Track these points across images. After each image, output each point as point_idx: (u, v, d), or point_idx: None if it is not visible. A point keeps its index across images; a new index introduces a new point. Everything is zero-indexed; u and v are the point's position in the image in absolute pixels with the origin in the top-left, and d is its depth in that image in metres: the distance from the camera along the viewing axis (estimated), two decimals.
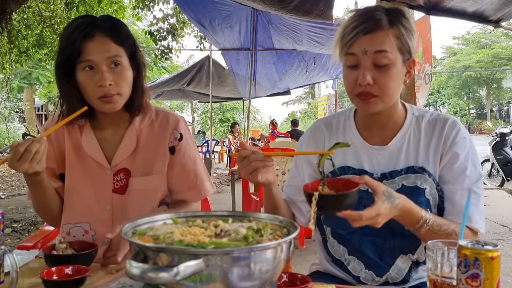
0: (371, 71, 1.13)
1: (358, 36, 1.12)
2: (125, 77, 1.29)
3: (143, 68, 1.37)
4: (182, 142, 1.42)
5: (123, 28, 1.32)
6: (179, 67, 19.35)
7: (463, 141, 1.20)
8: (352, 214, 0.98)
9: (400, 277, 1.22)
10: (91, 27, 1.25)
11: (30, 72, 16.95)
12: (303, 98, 44.10)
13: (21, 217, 5.43)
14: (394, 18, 1.14)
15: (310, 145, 1.35)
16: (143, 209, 1.37)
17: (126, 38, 1.31)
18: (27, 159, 1.13)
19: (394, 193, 1.05)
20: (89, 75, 1.26)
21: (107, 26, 1.27)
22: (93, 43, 1.24)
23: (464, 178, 1.17)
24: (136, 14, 8.27)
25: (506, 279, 3.25)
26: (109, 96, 1.26)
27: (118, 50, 1.27)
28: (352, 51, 1.14)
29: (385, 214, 1.02)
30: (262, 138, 13.56)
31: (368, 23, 1.12)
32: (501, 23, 3.42)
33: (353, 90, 1.16)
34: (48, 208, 1.37)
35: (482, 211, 1.18)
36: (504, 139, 8.09)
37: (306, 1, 4.01)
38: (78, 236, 1.37)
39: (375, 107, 1.17)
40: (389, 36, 1.12)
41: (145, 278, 0.68)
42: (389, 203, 1.03)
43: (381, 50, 1.11)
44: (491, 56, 32.33)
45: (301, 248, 3.89)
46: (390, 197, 1.04)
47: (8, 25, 6.67)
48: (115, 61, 1.26)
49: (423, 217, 1.09)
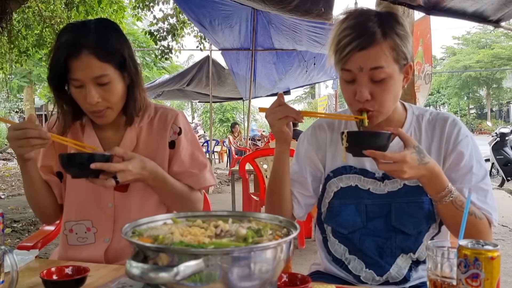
0: (368, 86, 1.12)
1: (353, 52, 1.09)
2: (114, 92, 1.29)
3: (136, 76, 1.34)
4: (181, 136, 1.44)
5: (110, 42, 1.27)
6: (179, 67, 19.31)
7: (466, 139, 1.21)
8: (376, 152, 1.01)
9: (400, 277, 1.22)
10: (75, 46, 1.22)
11: (30, 71, 16.94)
12: (303, 98, 44.10)
13: (21, 217, 5.43)
14: (388, 28, 1.10)
15: (312, 144, 1.35)
16: (145, 206, 1.39)
17: (113, 53, 1.27)
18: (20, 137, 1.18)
19: (426, 153, 1.07)
20: (79, 92, 1.27)
21: (92, 43, 1.23)
22: (78, 62, 1.22)
23: (471, 176, 1.17)
24: (136, 14, 8.25)
25: (506, 279, 3.26)
26: (98, 112, 1.30)
27: (104, 69, 1.25)
28: (347, 68, 1.12)
29: (411, 164, 1.02)
30: (262, 138, 13.56)
31: (362, 38, 1.08)
32: (501, 23, 3.42)
33: (352, 104, 1.17)
34: (36, 200, 1.38)
35: (492, 206, 1.17)
36: (504, 139, 8.09)
37: (306, 1, 4.01)
38: (80, 234, 1.39)
39: (374, 121, 1.17)
40: (384, 49, 1.09)
41: (145, 278, 0.68)
42: (417, 157, 1.04)
43: (377, 67, 1.09)
44: (491, 56, 32.34)
45: (301, 248, 3.89)
46: (420, 153, 1.05)
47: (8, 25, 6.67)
48: (101, 81, 1.25)
49: (449, 187, 1.09)
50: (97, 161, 1.17)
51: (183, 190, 1.40)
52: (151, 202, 1.41)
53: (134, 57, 1.35)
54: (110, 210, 1.38)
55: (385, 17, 1.13)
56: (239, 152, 11.49)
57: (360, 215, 1.24)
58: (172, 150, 1.43)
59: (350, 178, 1.26)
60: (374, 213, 1.23)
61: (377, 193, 1.23)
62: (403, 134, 1.07)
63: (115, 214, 1.38)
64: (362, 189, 1.24)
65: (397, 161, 1.01)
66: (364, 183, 1.24)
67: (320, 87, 33.79)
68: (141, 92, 1.38)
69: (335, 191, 1.27)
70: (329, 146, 1.32)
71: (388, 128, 1.07)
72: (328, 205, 1.29)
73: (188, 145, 1.45)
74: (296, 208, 1.34)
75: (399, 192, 1.21)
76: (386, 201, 1.22)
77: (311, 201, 1.36)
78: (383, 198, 1.22)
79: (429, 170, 1.06)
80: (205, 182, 1.44)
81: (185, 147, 1.44)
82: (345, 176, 1.26)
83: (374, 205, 1.23)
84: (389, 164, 1.02)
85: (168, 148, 1.42)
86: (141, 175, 1.26)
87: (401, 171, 1.02)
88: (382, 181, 1.23)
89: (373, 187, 1.23)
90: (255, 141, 12.81)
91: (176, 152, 1.43)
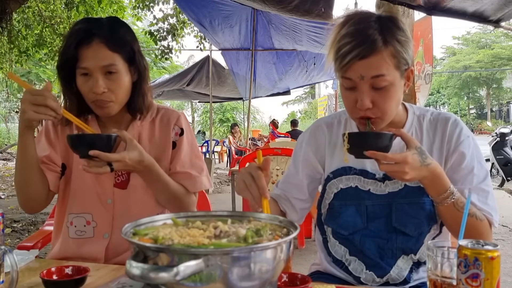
0: (370, 94, 1.10)
1: (353, 61, 1.07)
2: (120, 84, 1.31)
3: (144, 71, 1.37)
4: (182, 137, 1.46)
5: (121, 34, 1.31)
6: (179, 67, 19.34)
7: (467, 140, 1.20)
8: (377, 153, 1.00)
9: (400, 278, 1.22)
10: (87, 34, 1.25)
11: (29, 71, 16.94)
12: (303, 98, 44.09)
13: (21, 217, 5.43)
14: (389, 35, 1.08)
15: (310, 144, 1.34)
16: (144, 204, 1.40)
17: (123, 44, 1.30)
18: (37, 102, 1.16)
19: (428, 154, 1.06)
20: (85, 81, 1.29)
21: (104, 33, 1.27)
22: (89, 50, 1.25)
23: (473, 177, 1.17)
24: (136, 14, 8.26)
25: (506, 279, 3.26)
26: (101, 102, 1.30)
27: (113, 58, 1.28)
28: (348, 76, 1.10)
29: (413, 165, 1.02)
30: (262, 138, 13.56)
31: (363, 47, 1.06)
32: (501, 23, 3.42)
33: (353, 112, 1.16)
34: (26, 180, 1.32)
35: (493, 207, 1.17)
36: (504, 139, 8.09)
37: (306, 1, 4.01)
38: (79, 227, 1.40)
39: (377, 127, 1.16)
40: (385, 57, 1.08)
41: (145, 278, 0.68)
42: (419, 158, 1.03)
43: (379, 75, 1.08)
44: (491, 56, 32.35)
45: (301, 248, 3.89)
46: (422, 154, 1.04)
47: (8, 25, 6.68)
48: (109, 70, 1.28)
49: (451, 189, 1.08)
50: (102, 142, 1.18)
51: (178, 191, 1.41)
52: (150, 201, 1.42)
53: (142, 53, 1.38)
54: (109, 206, 1.40)
55: (385, 23, 1.11)
56: (239, 152, 11.50)
57: (360, 216, 1.24)
58: (173, 150, 1.45)
59: (350, 179, 1.25)
60: (375, 214, 1.23)
61: (377, 193, 1.23)
62: (405, 134, 1.06)
63: (114, 210, 1.40)
64: (363, 190, 1.24)
65: (398, 162, 1.01)
66: (365, 184, 1.24)
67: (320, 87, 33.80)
68: (147, 91, 1.40)
69: (335, 192, 1.27)
70: (328, 147, 1.31)
71: (390, 129, 1.07)
72: (328, 206, 1.29)
73: (188, 147, 1.47)
74: (291, 213, 1.33)
75: (400, 193, 1.21)
76: (386, 202, 1.22)
77: (306, 205, 1.36)
78: (384, 199, 1.22)
79: (431, 171, 1.05)
80: (201, 185, 1.46)
81: (185, 148, 1.46)
82: (345, 177, 1.26)
83: (375, 206, 1.22)
84: (391, 165, 1.01)
85: (171, 148, 1.45)
86: (135, 168, 1.27)
87: (402, 172, 1.01)
88: (382, 181, 1.23)
89: (374, 187, 1.23)
90: (255, 141, 12.79)
91: (177, 152, 1.45)
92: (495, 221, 1.16)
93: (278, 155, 3.73)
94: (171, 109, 1.52)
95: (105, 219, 1.39)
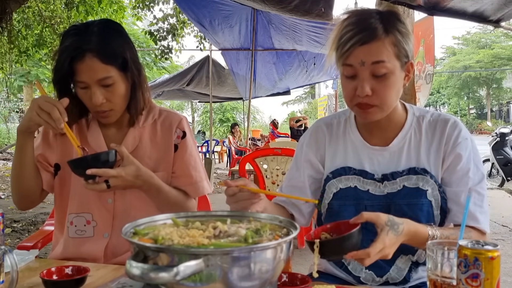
0: (370, 81, 1.11)
1: (354, 47, 1.10)
2: (118, 93, 1.32)
3: (139, 77, 1.37)
4: (184, 140, 1.47)
5: (112, 45, 1.29)
6: (179, 67, 19.30)
7: (465, 142, 1.20)
8: (358, 253, 0.95)
9: (400, 277, 1.22)
10: (78, 50, 1.25)
11: (29, 71, 16.94)
12: (303, 98, 44.09)
13: (21, 217, 5.43)
14: (390, 25, 1.11)
15: (311, 146, 1.35)
16: (145, 205, 1.40)
17: (115, 55, 1.29)
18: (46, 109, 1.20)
19: (397, 220, 1.02)
20: (84, 93, 1.31)
21: (94, 47, 1.25)
22: (83, 65, 1.26)
23: (468, 180, 1.17)
24: (136, 14, 8.26)
25: (506, 279, 3.26)
26: (102, 112, 1.33)
27: (108, 70, 1.28)
28: (349, 63, 1.12)
29: (391, 244, 1.00)
30: (262, 138, 13.56)
31: (364, 33, 1.09)
32: (501, 23, 3.42)
33: (352, 99, 1.16)
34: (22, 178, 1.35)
35: (486, 211, 1.17)
36: (504, 139, 8.09)
37: (306, 1, 4.01)
38: (79, 226, 1.40)
39: (374, 116, 1.17)
40: (386, 45, 1.10)
41: (145, 278, 0.68)
42: (393, 232, 1.00)
43: (379, 61, 1.09)
44: (491, 56, 32.34)
45: (301, 248, 3.89)
46: (394, 225, 1.01)
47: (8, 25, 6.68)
48: (105, 83, 1.29)
49: (430, 235, 1.08)
50: (99, 161, 1.21)
51: (178, 199, 1.42)
52: (151, 201, 1.41)
53: (136, 58, 1.37)
54: (109, 206, 1.40)
55: (386, 15, 1.14)
56: (239, 152, 11.49)
57: None
58: (175, 153, 1.46)
59: (349, 179, 1.25)
60: None
61: (376, 194, 1.22)
62: (368, 216, 1.01)
63: (115, 210, 1.40)
64: (362, 190, 1.24)
65: (379, 250, 0.97)
66: (364, 184, 1.24)
67: (320, 87, 33.77)
68: (144, 92, 1.41)
69: (334, 192, 1.27)
70: (328, 146, 1.32)
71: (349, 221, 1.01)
72: (328, 206, 1.29)
73: (190, 150, 1.48)
74: (299, 217, 1.34)
75: (398, 194, 1.21)
76: (385, 202, 1.21)
77: (311, 208, 1.37)
78: (383, 199, 1.22)
79: (406, 234, 1.03)
80: (203, 190, 1.48)
81: (187, 151, 1.47)
82: (345, 177, 1.26)
83: (374, 206, 1.22)
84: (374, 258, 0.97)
85: (173, 151, 1.45)
86: (133, 183, 1.29)
87: (387, 255, 1.00)
88: (381, 182, 1.22)
89: (373, 188, 1.23)
90: (255, 141, 12.79)
91: (178, 155, 1.45)
92: (485, 228, 1.15)
93: (278, 155, 3.73)
94: (173, 112, 1.53)
95: (105, 219, 1.40)
